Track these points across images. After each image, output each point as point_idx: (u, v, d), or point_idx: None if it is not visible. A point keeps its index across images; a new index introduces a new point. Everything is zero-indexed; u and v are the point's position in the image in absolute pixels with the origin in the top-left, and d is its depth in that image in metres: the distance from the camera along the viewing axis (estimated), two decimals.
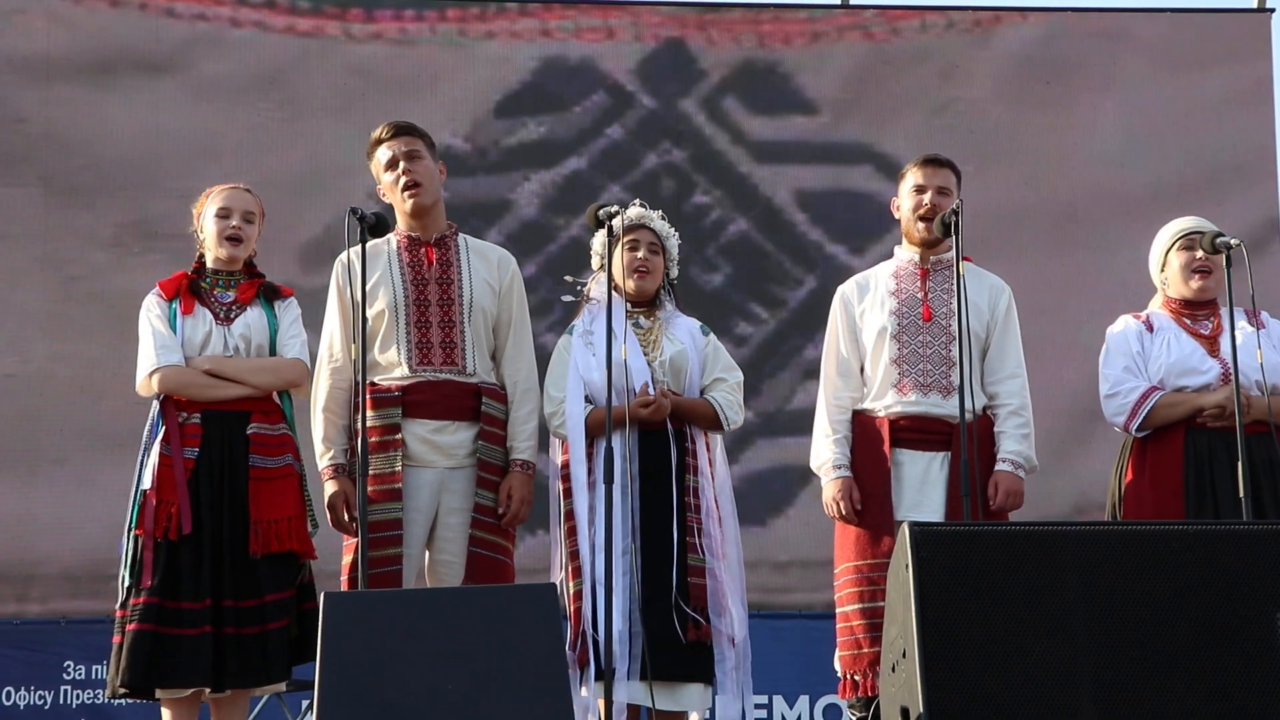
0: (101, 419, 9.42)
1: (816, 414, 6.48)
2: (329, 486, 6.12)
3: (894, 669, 4.92)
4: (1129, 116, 10.27)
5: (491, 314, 6.29)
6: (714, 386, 6.42)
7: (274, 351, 6.08)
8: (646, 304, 6.44)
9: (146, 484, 5.82)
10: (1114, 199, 10.15)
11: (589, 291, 6.49)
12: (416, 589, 6.03)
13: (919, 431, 6.31)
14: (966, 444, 5.91)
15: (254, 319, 6.07)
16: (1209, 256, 6.42)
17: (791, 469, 9.86)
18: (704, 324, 6.56)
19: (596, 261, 6.50)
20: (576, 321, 6.43)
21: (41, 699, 9.15)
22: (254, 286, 6.14)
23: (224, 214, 6.11)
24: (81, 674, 9.18)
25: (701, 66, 10.29)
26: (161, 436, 5.87)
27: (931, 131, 10.10)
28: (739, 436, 8.68)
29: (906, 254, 6.57)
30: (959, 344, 6.00)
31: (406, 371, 6.13)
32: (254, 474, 5.92)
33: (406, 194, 6.23)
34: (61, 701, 9.14)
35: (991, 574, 4.76)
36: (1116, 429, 6.50)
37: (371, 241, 5.99)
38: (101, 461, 9.35)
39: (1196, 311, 6.50)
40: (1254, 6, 10.57)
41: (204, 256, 6.17)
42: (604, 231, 6.17)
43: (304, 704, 7.94)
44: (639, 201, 6.53)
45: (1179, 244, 6.54)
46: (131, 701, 5.95)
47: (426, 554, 6.20)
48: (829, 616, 6.39)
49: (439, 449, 6.12)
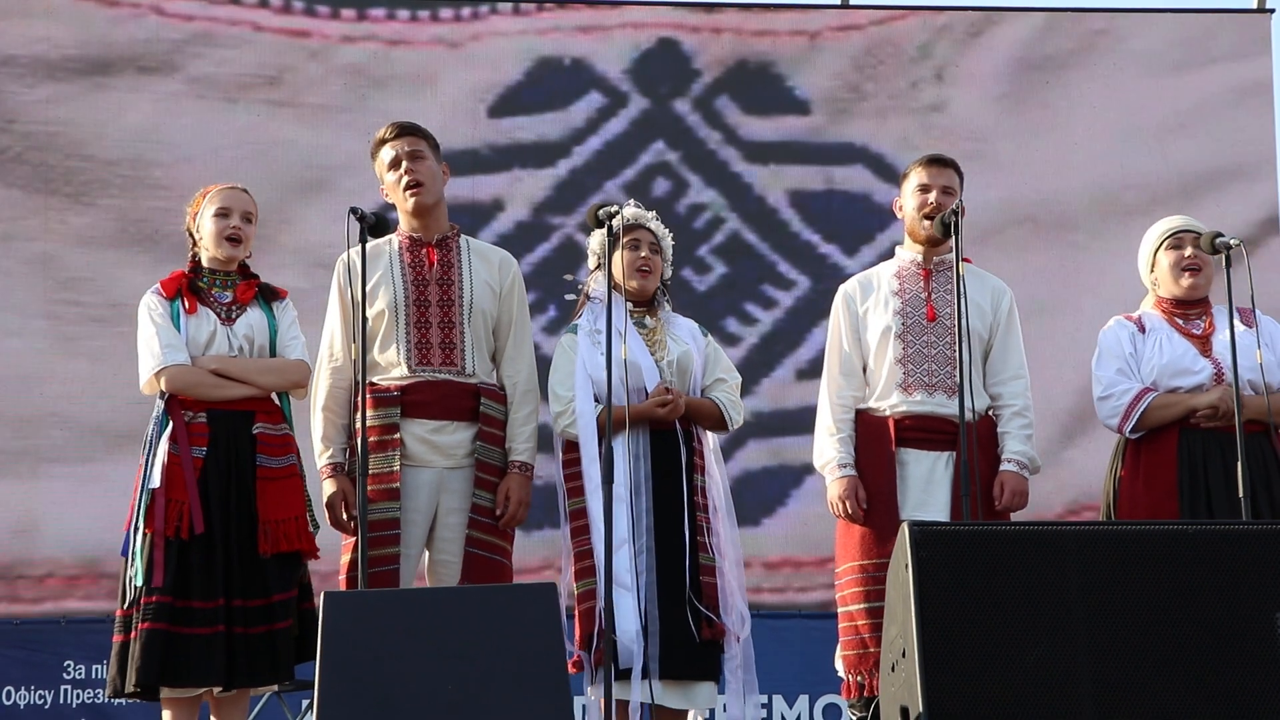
0: (101, 418, 9.44)
1: (819, 412, 6.46)
2: (327, 486, 6.12)
3: (894, 669, 4.92)
4: (1128, 117, 10.28)
5: (491, 315, 6.29)
6: (715, 387, 6.43)
7: (274, 352, 6.07)
8: (646, 304, 6.44)
9: (156, 483, 5.79)
10: (1111, 199, 10.17)
11: (588, 289, 6.48)
12: (416, 589, 6.03)
13: (924, 431, 6.31)
14: (967, 444, 5.92)
15: (255, 319, 6.07)
16: (1197, 254, 6.43)
17: (785, 469, 9.88)
18: (701, 325, 6.58)
19: (594, 260, 6.50)
20: (579, 320, 6.41)
21: (41, 699, 9.13)
22: (252, 287, 6.13)
23: (223, 213, 6.09)
24: (81, 674, 9.16)
25: (695, 66, 10.29)
26: (169, 435, 5.84)
27: (925, 131, 10.11)
28: (732, 436, 8.67)
29: (909, 254, 6.55)
30: (960, 344, 5.99)
31: (406, 371, 6.13)
32: (261, 474, 5.92)
33: (408, 193, 6.22)
34: (61, 701, 9.13)
35: (991, 574, 4.77)
36: (1111, 431, 6.49)
37: (373, 242, 6.01)
38: (102, 461, 9.36)
39: (1188, 311, 6.50)
40: (1254, 7, 10.58)
41: (199, 256, 6.14)
42: (602, 231, 6.14)
43: (304, 703, 7.93)
44: (633, 202, 6.53)
45: (1167, 243, 6.54)
46: (132, 701, 5.94)
47: (425, 554, 6.19)
48: (829, 616, 6.39)
49: (437, 449, 6.12)
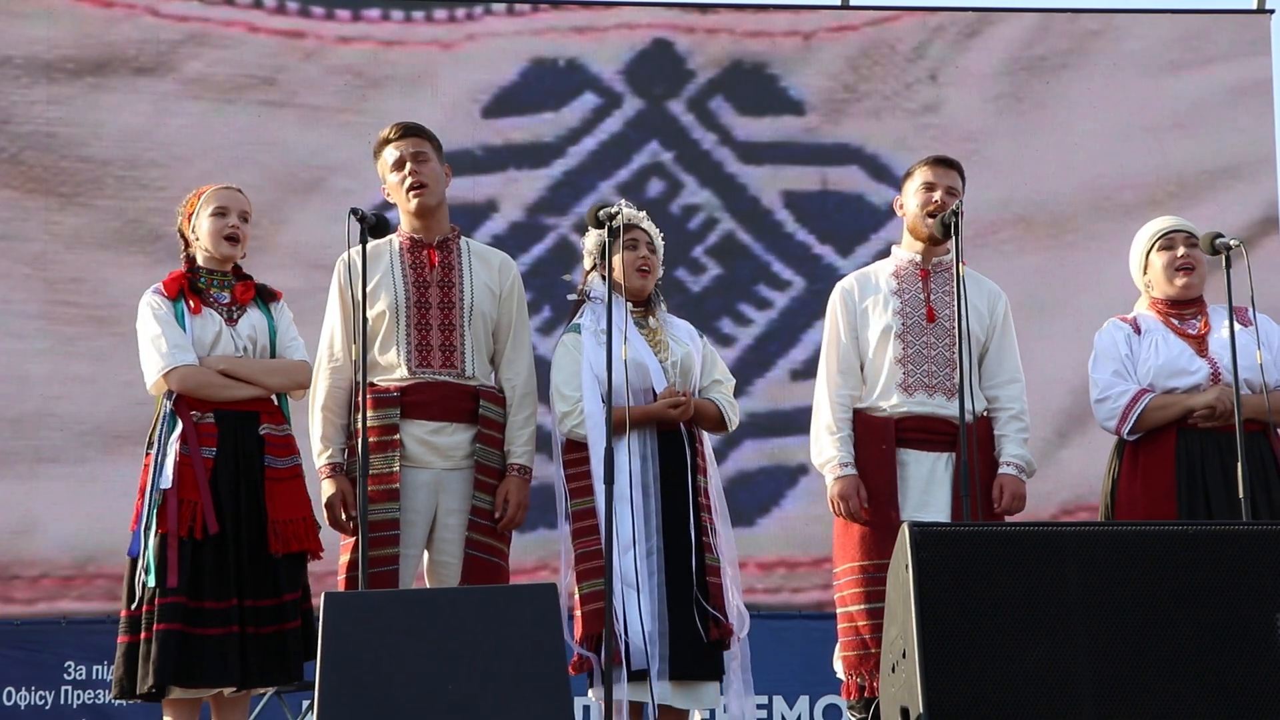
0: (97, 419, 9.44)
1: (817, 411, 6.43)
2: (327, 486, 6.10)
3: (894, 669, 4.92)
4: (1126, 117, 10.29)
5: (491, 318, 6.29)
6: (713, 389, 6.44)
7: (274, 353, 6.07)
8: (644, 304, 6.43)
9: (167, 483, 5.77)
10: (1107, 199, 10.18)
11: (587, 289, 6.46)
12: (417, 589, 6.03)
13: (924, 432, 6.30)
14: (967, 445, 5.92)
15: (257, 320, 6.07)
16: (1189, 253, 6.45)
17: (780, 470, 9.89)
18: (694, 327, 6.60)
19: (589, 261, 6.48)
20: (581, 319, 6.40)
21: (42, 699, 9.13)
22: (250, 288, 6.13)
23: (221, 213, 6.08)
24: (82, 674, 9.15)
25: (689, 67, 10.30)
26: (179, 435, 5.83)
27: (920, 132, 10.12)
28: (727, 436, 8.68)
29: (907, 254, 6.54)
30: (959, 345, 5.99)
31: (406, 373, 6.12)
32: (269, 474, 5.92)
33: (411, 194, 6.22)
34: (62, 702, 9.12)
35: (991, 574, 4.77)
36: (1109, 433, 6.50)
37: (373, 242, 6.00)
38: (97, 462, 9.38)
39: (1184, 311, 6.51)
40: (1254, 7, 10.59)
41: (194, 257, 6.12)
42: (598, 232, 6.19)
43: (304, 704, 7.92)
44: (624, 201, 6.52)
45: (1158, 244, 6.55)
46: (133, 702, 5.93)
47: (425, 554, 6.19)
48: (829, 617, 6.39)
49: (437, 450, 6.12)
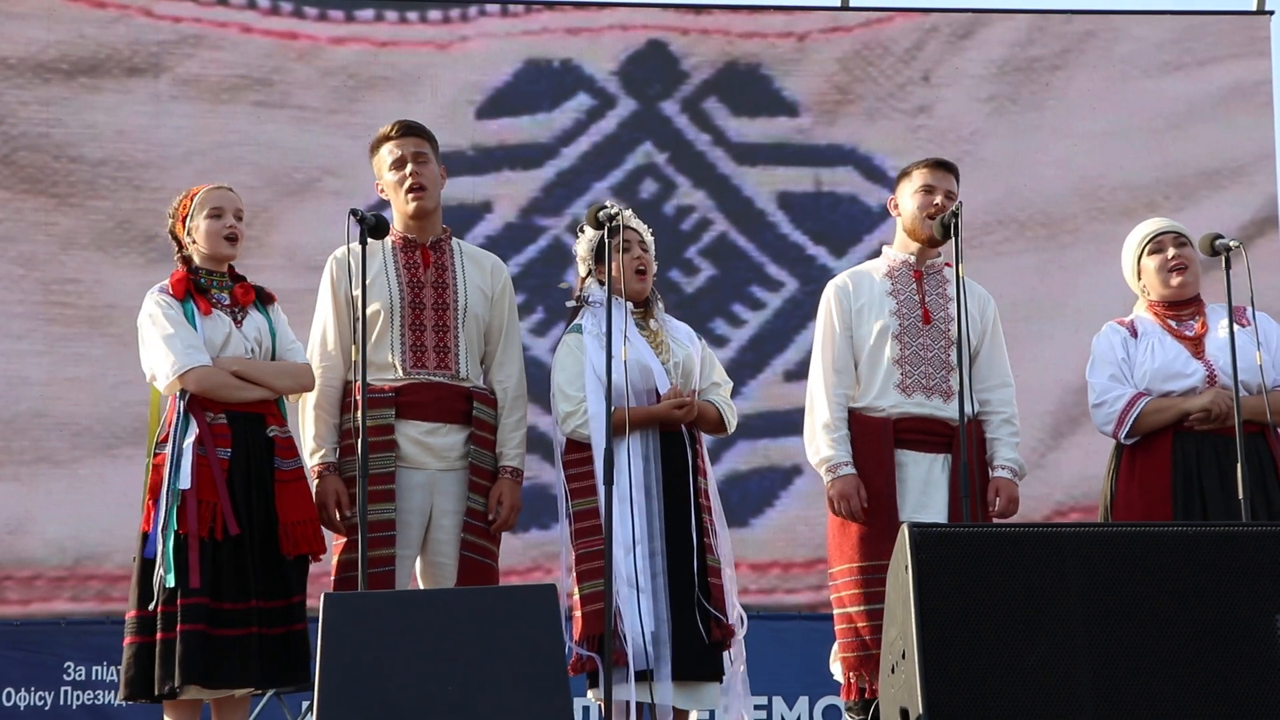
0: (89, 420, 9.43)
1: (812, 410, 6.40)
2: (320, 484, 6.08)
3: (893, 670, 4.92)
4: (1125, 117, 10.30)
5: (483, 320, 6.29)
6: (711, 391, 6.45)
7: (274, 355, 6.06)
8: (642, 305, 6.43)
9: (186, 484, 5.75)
10: (1102, 200, 10.19)
11: (585, 294, 6.45)
12: (416, 590, 6.04)
13: (922, 433, 6.30)
14: (966, 447, 5.95)
15: (259, 322, 6.06)
16: (1180, 253, 6.46)
17: (773, 470, 9.89)
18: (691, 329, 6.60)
19: (584, 268, 6.47)
20: (581, 320, 6.38)
21: (42, 700, 9.11)
22: (250, 290, 6.11)
23: (217, 214, 6.05)
24: (82, 675, 9.14)
25: (683, 68, 10.30)
26: (195, 437, 5.82)
27: (914, 133, 10.13)
28: (720, 437, 8.70)
29: (901, 255, 6.53)
30: (959, 346, 5.99)
31: (400, 373, 6.12)
32: (278, 476, 5.92)
33: (411, 195, 6.21)
34: (62, 702, 9.11)
35: (991, 575, 4.77)
36: (1106, 436, 6.52)
37: (357, 241, 5.99)
38: (90, 463, 9.37)
39: (1180, 311, 6.51)
40: (1254, 9, 10.60)
41: (190, 259, 6.10)
42: (589, 237, 6.29)
43: (304, 705, 7.92)
44: (610, 202, 6.52)
45: (1148, 248, 6.56)
46: (132, 703, 5.93)
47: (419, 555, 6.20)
48: (828, 618, 6.38)
49: (431, 450, 6.12)
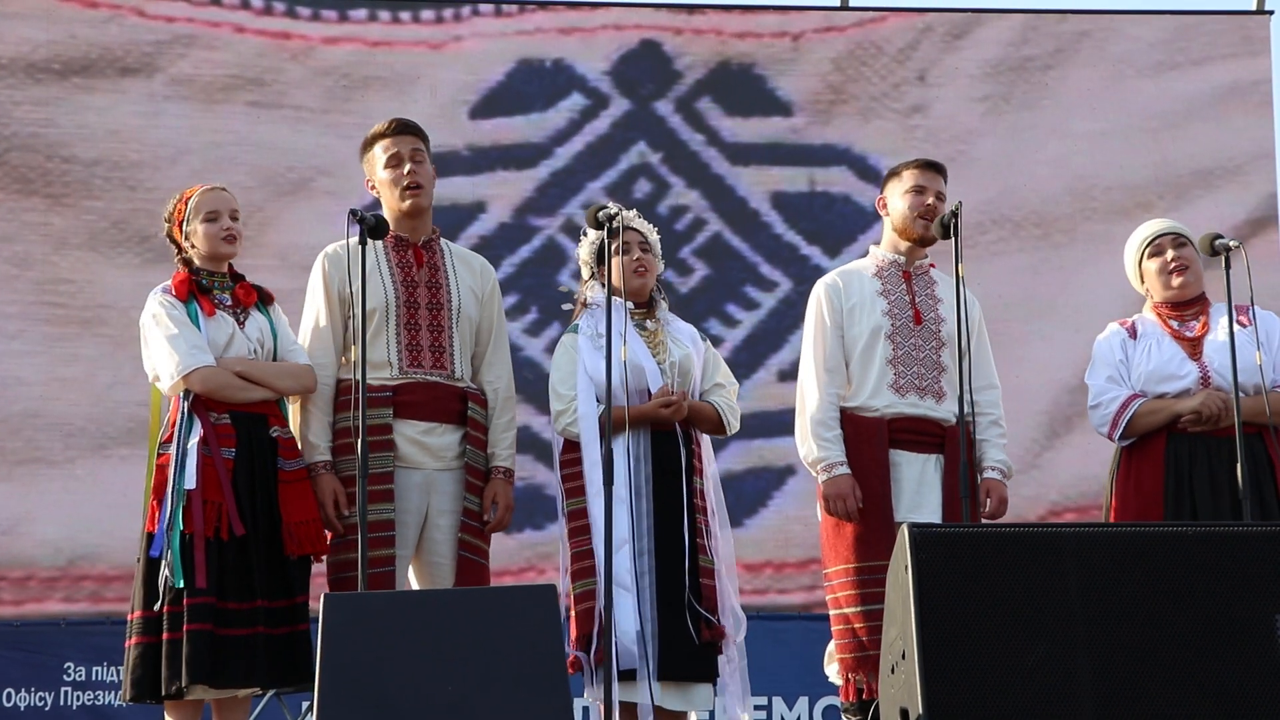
0: (86, 420, 9.44)
1: (803, 409, 6.38)
2: (318, 484, 6.04)
3: (893, 670, 4.92)
4: (1121, 117, 10.31)
5: (474, 321, 6.29)
6: (714, 392, 6.45)
7: (276, 356, 6.06)
8: (644, 305, 6.44)
9: (191, 484, 5.75)
10: (1098, 200, 10.20)
11: (584, 297, 6.47)
12: (416, 590, 6.04)
13: (915, 433, 6.30)
14: (956, 448, 5.98)
15: (261, 323, 6.05)
16: (1179, 255, 6.47)
17: (767, 470, 9.90)
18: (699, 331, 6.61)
19: (586, 271, 6.50)
20: (580, 321, 6.41)
21: (42, 700, 9.11)
22: (251, 290, 6.11)
23: (213, 216, 6.05)
24: (82, 675, 9.13)
25: (677, 68, 10.30)
26: (200, 437, 5.82)
27: (908, 133, 10.14)
28: (714, 438, 8.72)
29: (890, 254, 6.53)
30: (959, 346, 5.99)
31: (396, 372, 6.11)
32: (282, 477, 5.92)
33: (408, 194, 6.19)
34: (62, 703, 9.10)
35: (991, 575, 4.77)
36: (1103, 438, 6.55)
37: (352, 240, 5.99)
38: (82, 463, 9.38)
39: (1184, 312, 6.53)
40: (1254, 8, 10.62)
41: (190, 260, 6.09)
42: (590, 239, 6.30)
43: (304, 705, 7.92)
44: (610, 203, 6.53)
45: (1147, 252, 6.57)
46: (131, 704, 5.93)
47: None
48: (827, 618, 6.38)
49: (428, 450, 6.11)
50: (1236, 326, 6.27)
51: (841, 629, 6.22)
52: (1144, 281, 6.60)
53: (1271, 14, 10.54)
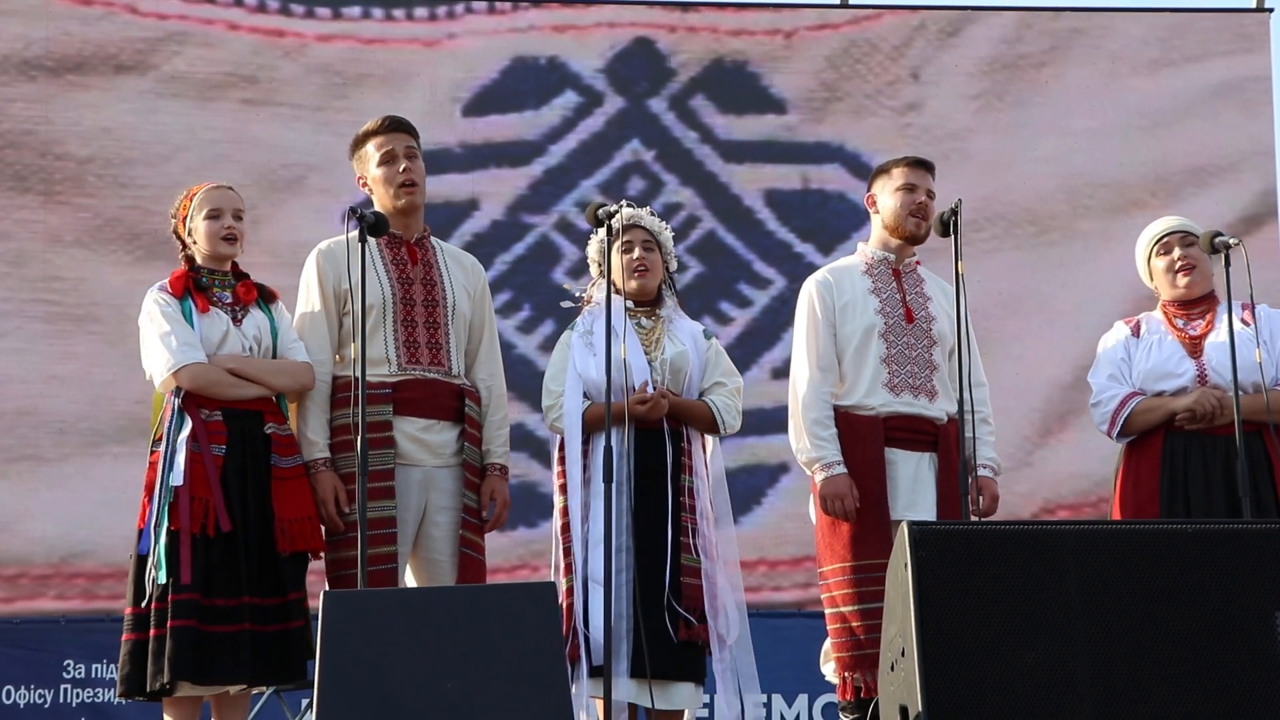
0: (78, 417, 9.44)
1: (798, 407, 6.37)
2: (318, 481, 6.03)
3: (893, 668, 4.93)
4: (1116, 115, 10.31)
5: (468, 318, 6.29)
6: (713, 390, 6.42)
7: (275, 353, 6.05)
8: (650, 303, 6.45)
9: (179, 480, 5.75)
10: (1092, 198, 10.21)
11: (590, 297, 6.49)
12: (416, 588, 6.03)
13: (909, 431, 6.30)
14: (952, 447, 6.01)
15: (260, 320, 6.05)
16: (1186, 253, 6.47)
17: (760, 468, 9.90)
18: (706, 328, 6.59)
19: (595, 270, 6.50)
20: (578, 320, 6.43)
21: (41, 698, 9.10)
22: (252, 288, 6.11)
23: (215, 214, 6.05)
24: (81, 672, 9.13)
25: (670, 65, 10.30)
26: (189, 433, 5.82)
27: (901, 130, 10.14)
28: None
29: (880, 252, 6.52)
30: (959, 344, 5.99)
31: (395, 369, 6.10)
32: (275, 474, 5.91)
33: (403, 191, 6.19)
34: (61, 700, 9.09)
35: (990, 573, 4.78)
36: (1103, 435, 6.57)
37: (344, 237, 6.01)
38: (74, 460, 9.37)
39: (1191, 310, 6.53)
40: (1253, 6, 10.62)
41: (192, 257, 6.10)
42: (599, 238, 6.28)
43: (304, 702, 7.92)
44: (626, 202, 6.53)
45: (1155, 250, 6.58)
46: (133, 701, 5.92)
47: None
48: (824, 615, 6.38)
49: (427, 447, 6.10)
50: (1239, 325, 6.28)
51: (838, 627, 6.22)
52: (1153, 279, 6.62)
53: (1271, 11, 10.56)
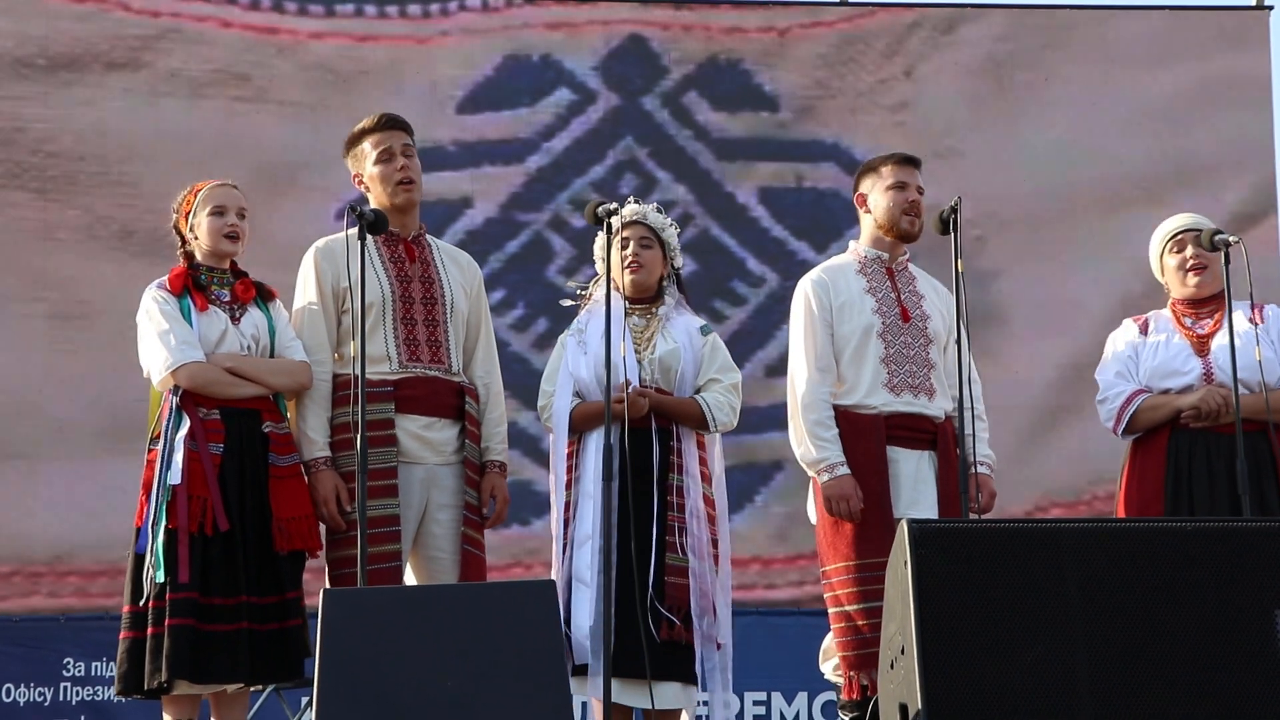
0: (68, 416, 9.44)
1: (797, 409, 6.35)
2: (319, 480, 6.02)
3: (892, 666, 4.94)
4: (1111, 113, 10.32)
5: (465, 315, 6.29)
6: (708, 386, 6.40)
7: (273, 352, 6.05)
8: (649, 300, 6.44)
9: (177, 479, 5.75)
10: (1088, 196, 10.21)
11: (590, 294, 6.49)
12: (415, 585, 6.02)
13: (909, 430, 6.30)
14: (949, 445, 6.03)
15: (258, 319, 6.04)
16: (1199, 252, 6.47)
17: (753, 467, 9.89)
18: (706, 323, 6.57)
19: (600, 267, 6.47)
20: (576, 320, 6.44)
21: (41, 696, 9.12)
22: (250, 286, 6.10)
23: (219, 211, 6.06)
24: (81, 670, 9.15)
25: (664, 63, 10.30)
26: (187, 432, 5.82)
27: (895, 128, 10.14)
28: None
29: (874, 251, 6.51)
30: (959, 343, 5.99)
31: (396, 366, 6.09)
32: (273, 472, 5.90)
33: (402, 189, 6.18)
34: (61, 698, 9.12)
35: (990, 571, 4.78)
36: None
37: (339, 236, 6.02)
38: (66, 459, 9.35)
39: (1200, 309, 6.53)
40: (1252, 4, 10.63)
41: (192, 254, 6.09)
42: (601, 235, 6.24)
43: (303, 701, 7.93)
44: (633, 198, 6.53)
45: (1169, 247, 6.58)
46: (131, 699, 5.92)
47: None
48: (824, 614, 6.37)
49: (429, 445, 6.09)
50: (1248, 325, 6.30)
51: (843, 626, 6.19)
52: (1163, 275, 6.62)
53: (1271, 9, 10.56)
